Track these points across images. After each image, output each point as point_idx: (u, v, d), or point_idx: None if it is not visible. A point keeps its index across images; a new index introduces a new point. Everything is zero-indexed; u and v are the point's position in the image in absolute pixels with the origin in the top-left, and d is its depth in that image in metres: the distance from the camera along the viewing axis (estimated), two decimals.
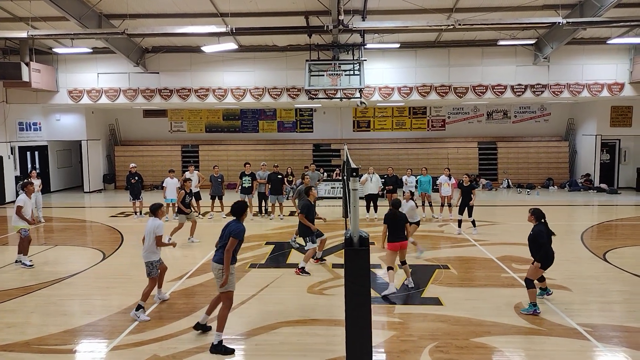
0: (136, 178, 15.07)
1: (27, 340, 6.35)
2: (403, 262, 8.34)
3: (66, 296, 8.12)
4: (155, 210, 7.59)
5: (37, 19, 14.65)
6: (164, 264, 7.72)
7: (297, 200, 11.92)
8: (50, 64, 18.18)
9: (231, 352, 6.02)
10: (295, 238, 11.16)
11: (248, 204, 14.52)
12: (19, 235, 9.86)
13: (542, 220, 7.25)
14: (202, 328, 6.55)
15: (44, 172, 20.85)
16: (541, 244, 7.07)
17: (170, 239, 11.21)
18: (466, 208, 12.41)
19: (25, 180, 10.26)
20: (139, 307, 7.10)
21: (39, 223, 10.06)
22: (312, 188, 10.19)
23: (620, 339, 6.28)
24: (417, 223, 10.45)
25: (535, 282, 7.31)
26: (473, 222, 12.51)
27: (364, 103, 14.70)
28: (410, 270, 8.50)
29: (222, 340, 6.06)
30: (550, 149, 22.37)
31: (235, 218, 6.32)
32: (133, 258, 10.50)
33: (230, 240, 6.06)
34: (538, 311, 7.04)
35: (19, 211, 9.64)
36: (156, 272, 7.36)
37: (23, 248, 9.89)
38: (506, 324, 6.76)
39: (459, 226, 12.58)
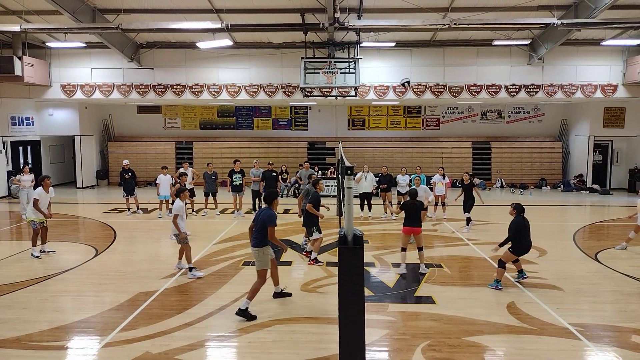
0: (129, 174, 14.99)
1: (18, 337, 6.31)
2: (420, 248, 9.18)
3: (58, 292, 8.07)
4: (179, 194, 9.36)
5: (30, 13, 14.52)
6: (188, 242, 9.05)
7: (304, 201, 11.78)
8: (44, 58, 18.03)
9: (253, 318, 6.90)
10: (306, 241, 10.86)
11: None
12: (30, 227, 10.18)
13: (522, 214, 8.19)
14: (280, 295, 7.70)
15: (36, 168, 20.69)
16: (512, 234, 8.08)
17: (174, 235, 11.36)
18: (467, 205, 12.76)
19: (43, 175, 10.60)
20: (191, 269, 8.77)
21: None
22: (320, 180, 10.62)
23: (611, 339, 6.33)
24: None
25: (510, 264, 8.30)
26: (468, 220, 12.73)
27: (407, 81, 14.66)
28: (425, 256, 9.30)
29: (248, 307, 6.91)
30: (543, 149, 22.49)
31: (267, 205, 7.28)
32: (126, 254, 10.47)
33: (269, 229, 7.01)
34: (500, 287, 8.07)
35: (35, 204, 9.86)
36: (183, 241, 8.90)
37: (32, 240, 10.09)
38: (498, 323, 6.79)
39: (467, 224, 12.83)
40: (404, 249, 9.12)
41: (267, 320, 6.87)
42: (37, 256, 10.00)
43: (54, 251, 10.45)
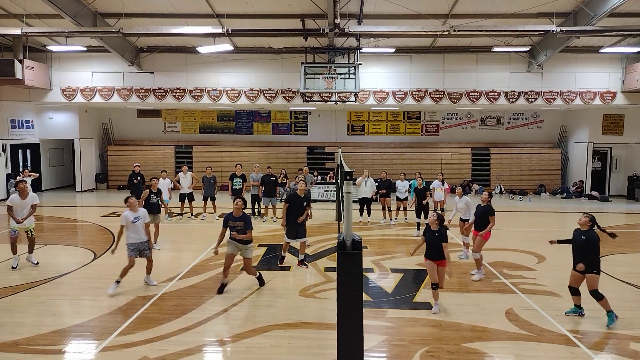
0: (139, 178, 14.92)
1: (16, 340, 6.29)
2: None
3: (56, 296, 8.05)
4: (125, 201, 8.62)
5: (31, 16, 14.56)
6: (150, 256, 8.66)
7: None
8: (44, 61, 18.06)
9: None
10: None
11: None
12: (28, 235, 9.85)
13: (595, 227, 7.04)
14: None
15: (35, 171, 20.65)
16: (597, 253, 6.89)
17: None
18: (422, 210, 12.89)
19: (17, 179, 10.22)
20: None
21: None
22: (301, 182, 10.07)
23: (610, 346, 6.33)
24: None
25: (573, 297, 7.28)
26: (418, 225, 12.99)
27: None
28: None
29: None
30: (542, 155, 22.52)
31: None
32: (124, 258, 10.40)
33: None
34: (616, 318, 6.95)
35: (9, 211, 9.54)
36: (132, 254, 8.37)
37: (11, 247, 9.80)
38: (497, 329, 6.79)
39: (418, 229, 12.92)
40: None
41: (265, 325, 6.85)
42: (14, 267, 9.45)
43: (37, 263, 9.87)
